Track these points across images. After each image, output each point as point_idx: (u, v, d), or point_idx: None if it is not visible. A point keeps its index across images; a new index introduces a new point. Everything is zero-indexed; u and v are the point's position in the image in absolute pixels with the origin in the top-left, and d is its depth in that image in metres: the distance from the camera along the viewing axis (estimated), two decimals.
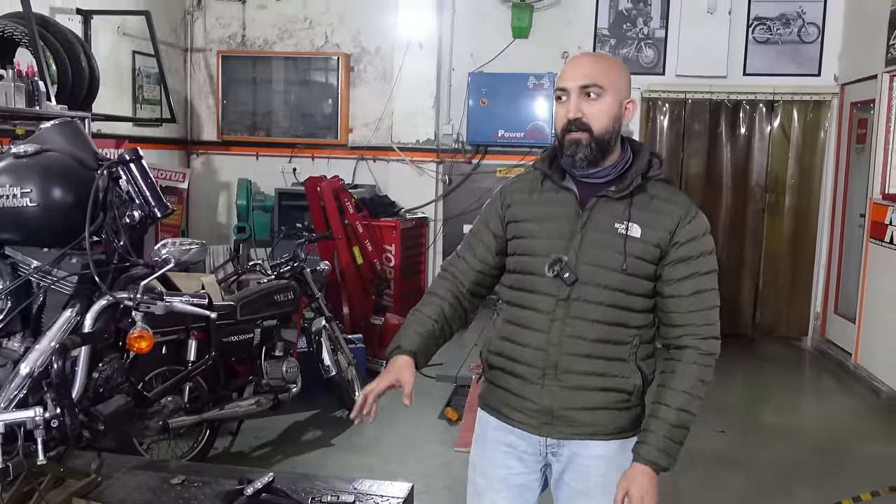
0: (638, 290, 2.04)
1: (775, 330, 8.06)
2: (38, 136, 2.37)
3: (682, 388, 2.01)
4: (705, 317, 2.05)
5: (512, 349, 2.12)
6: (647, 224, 2.02)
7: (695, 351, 2.03)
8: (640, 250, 2.02)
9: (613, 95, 2.01)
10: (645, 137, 7.97)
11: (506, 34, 7.91)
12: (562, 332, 2.03)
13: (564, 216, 2.06)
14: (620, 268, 2.00)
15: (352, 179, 8.17)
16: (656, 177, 2.08)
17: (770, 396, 6.28)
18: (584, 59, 2.08)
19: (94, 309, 2.17)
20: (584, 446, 2.10)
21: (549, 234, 2.06)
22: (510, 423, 2.15)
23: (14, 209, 2.18)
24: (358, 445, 4.88)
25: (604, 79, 2.00)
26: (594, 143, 2.00)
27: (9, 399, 2.09)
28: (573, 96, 2.00)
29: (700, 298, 2.04)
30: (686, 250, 2.03)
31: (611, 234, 2.02)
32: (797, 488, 4.44)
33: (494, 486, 2.21)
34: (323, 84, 8.45)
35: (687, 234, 2.03)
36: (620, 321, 2.04)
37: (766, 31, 7.69)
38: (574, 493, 2.14)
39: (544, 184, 2.13)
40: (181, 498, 2.33)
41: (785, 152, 7.85)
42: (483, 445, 2.25)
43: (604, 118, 2.00)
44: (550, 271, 2.02)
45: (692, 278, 2.03)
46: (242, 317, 4.44)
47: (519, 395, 2.11)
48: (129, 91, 7.59)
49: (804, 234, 7.89)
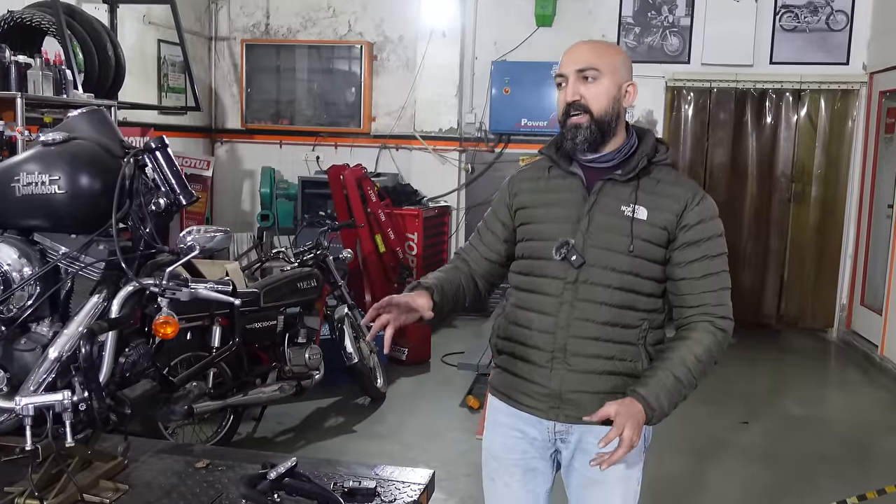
0: (646, 273, 2.05)
1: (800, 321, 7.99)
2: (65, 125, 2.39)
3: (694, 352, 2.01)
4: (718, 297, 2.06)
5: (520, 333, 2.14)
6: (654, 207, 2.04)
7: (710, 324, 2.04)
8: (647, 233, 2.03)
9: (611, 78, 2.04)
10: (669, 126, 7.91)
11: (529, 22, 7.87)
12: (570, 315, 2.05)
13: (571, 200, 2.08)
14: (627, 250, 2.02)
15: (374, 168, 8.19)
16: (662, 161, 2.10)
17: (795, 388, 6.23)
18: (581, 45, 2.10)
19: (121, 295, 2.19)
20: (592, 431, 2.09)
21: (556, 219, 2.09)
22: (520, 408, 2.17)
23: (43, 196, 2.20)
24: (379, 432, 4.91)
25: (600, 62, 2.03)
26: (594, 125, 2.02)
27: (38, 382, 2.12)
28: (571, 80, 2.04)
29: (712, 280, 2.05)
30: (695, 233, 2.03)
31: (618, 216, 2.04)
32: (822, 480, 4.40)
33: (508, 470, 2.23)
34: (346, 72, 8.47)
35: (695, 216, 2.04)
36: (629, 304, 2.05)
37: (793, 18, 7.58)
38: (586, 480, 2.15)
39: (551, 170, 2.16)
40: (205, 481, 2.36)
41: (812, 142, 7.76)
42: (494, 431, 2.27)
43: (602, 100, 2.03)
44: (558, 254, 2.04)
45: (702, 261, 2.04)
46: (266, 304, 4.48)
47: (528, 378, 2.13)
48: (154, 79, 7.65)
49: (831, 224, 7.80)
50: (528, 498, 2.23)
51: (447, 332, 7.18)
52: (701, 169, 7.94)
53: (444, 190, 8.11)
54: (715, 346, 2.03)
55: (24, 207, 2.24)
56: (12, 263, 2.21)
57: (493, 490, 2.30)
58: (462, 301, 2.23)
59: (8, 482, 2.27)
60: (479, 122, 8.15)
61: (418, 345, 6.28)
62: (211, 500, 2.23)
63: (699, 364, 2.01)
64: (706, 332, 2.03)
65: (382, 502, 2.22)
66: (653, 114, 7.97)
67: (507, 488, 2.24)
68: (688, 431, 5.11)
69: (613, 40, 7.87)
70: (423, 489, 2.33)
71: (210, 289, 2.28)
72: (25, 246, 2.26)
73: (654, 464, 4.44)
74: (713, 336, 2.03)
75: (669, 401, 1.98)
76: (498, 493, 2.27)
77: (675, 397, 1.99)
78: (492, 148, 8.13)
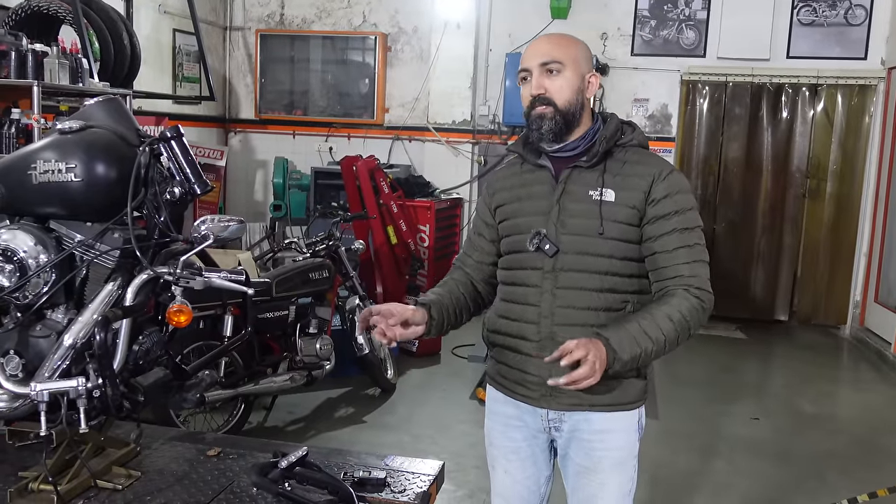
0: (622, 254, 2.06)
1: (813, 317, 7.95)
2: (82, 113, 2.40)
3: (666, 312, 1.98)
4: (693, 269, 2.04)
5: (507, 325, 2.17)
6: (621, 187, 2.06)
7: (686, 292, 2.02)
8: (616, 213, 2.05)
9: (573, 70, 2.07)
10: (684, 120, 7.87)
11: (544, 15, 7.84)
12: (552, 304, 2.07)
13: (542, 192, 2.13)
14: (598, 233, 2.04)
15: (387, 159, 8.19)
16: (629, 143, 2.12)
17: (806, 385, 6.20)
18: (542, 39, 2.15)
19: (135, 283, 2.20)
20: (586, 419, 2.12)
21: (529, 212, 2.13)
22: (514, 397, 2.21)
23: (59, 184, 2.22)
24: (389, 423, 4.92)
25: (562, 54, 2.07)
26: (559, 116, 2.06)
27: (52, 369, 2.14)
28: (535, 74, 2.08)
29: (686, 252, 2.04)
30: (664, 206, 2.04)
31: (586, 202, 2.06)
32: (833, 477, 4.39)
33: (507, 457, 2.28)
34: (360, 63, 8.46)
35: (662, 190, 2.05)
36: (609, 287, 2.06)
37: (811, 12, 7.52)
38: (581, 469, 2.17)
39: (524, 166, 2.21)
40: (217, 469, 2.38)
41: (828, 137, 7.70)
42: (493, 419, 2.32)
43: (566, 91, 2.07)
44: (531, 245, 2.08)
45: (675, 233, 2.04)
46: (278, 294, 4.50)
47: (519, 368, 2.16)
48: (169, 69, 7.67)
49: (845, 220, 7.75)
50: (527, 484, 2.27)
51: None
52: (715, 163, 7.90)
53: (456, 182, 8.11)
54: (689, 312, 1.99)
55: (40, 195, 2.26)
56: (28, 251, 2.24)
57: (494, 477, 2.35)
58: (467, 310, 2.27)
59: (22, 467, 2.30)
60: (493, 115, 8.14)
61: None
62: (222, 488, 2.25)
63: (669, 323, 1.97)
64: (682, 297, 2.01)
65: (392, 492, 2.24)
66: (667, 108, 7.93)
67: (507, 475, 2.29)
68: (700, 427, 5.11)
69: (629, 34, 7.84)
70: (432, 480, 2.34)
71: (224, 278, 2.29)
72: (42, 233, 2.28)
73: (664, 458, 4.46)
74: (688, 302, 2.00)
75: (631, 347, 1.93)
76: (498, 479, 2.32)
77: (636, 347, 1.94)
78: (505, 140, 8.11)
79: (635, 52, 7.88)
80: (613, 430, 2.13)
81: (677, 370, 6.15)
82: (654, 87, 7.92)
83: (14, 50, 4.63)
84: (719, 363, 6.56)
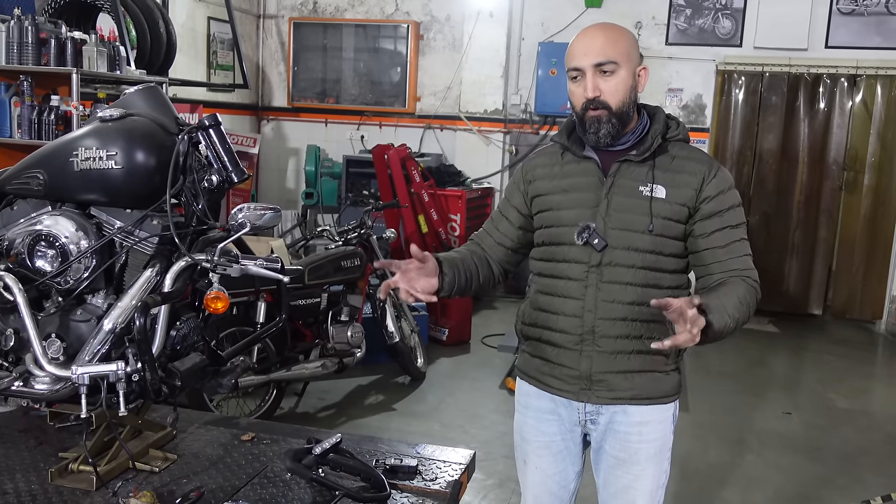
0: (668, 251, 2.06)
1: (848, 312, 7.83)
2: (122, 101, 2.44)
3: (739, 297, 1.93)
4: (744, 262, 2.04)
5: (546, 318, 2.15)
6: (672, 184, 2.04)
7: (741, 279, 1.99)
8: (666, 211, 2.03)
9: (627, 68, 2.02)
10: (718, 111, 7.78)
11: (578, 3, 7.78)
12: (596, 298, 2.06)
13: (588, 184, 2.09)
14: (647, 229, 2.02)
15: (419, 148, 8.19)
16: (675, 138, 2.09)
17: (840, 380, 6.12)
18: (594, 34, 2.05)
19: (174, 269, 2.23)
20: (624, 412, 2.12)
21: (575, 204, 2.10)
22: (549, 391, 2.20)
23: (100, 171, 2.26)
24: (419, 411, 4.95)
25: (616, 53, 2.00)
26: (615, 119, 2.02)
27: (93, 353, 2.19)
28: (588, 75, 2.01)
29: (735, 247, 2.04)
30: (715, 204, 2.04)
31: (636, 197, 2.04)
32: (865, 474, 4.34)
33: (538, 452, 2.27)
34: (392, 52, 8.47)
35: (714, 188, 2.04)
36: (653, 283, 2.05)
37: (851, 2, 7.37)
38: (615, 461, 2.17)
39: (564, 156, 2.17)
40: (251, 454, 2.42)
41: (866, 129, 7.56)
42: (525, 414, 2.30)
43: (621, 93, 2.02)
44: (580, 239, 2.05)
45: (724, 230, 2.04)
46: (310, 281, 4.54)
47: (556, 362, 2.15)
48: (203, 57, 7.74)
49: (883, 213, 7.60)
50: (558, 479, 2.27)
51: (487, 314, 7.20)
52: (750, 154, 7.80)
53: (487, 171, 8.09)
54: (750, 295, 1.97)
55: (81, 182, 2.30)
56: (70, 236, 2.28)
57: (524, 472, 2.33)
58: (476, 278, 2.20)
59: (63, 448, 2.35)
60: (525, 104, 8.11)
61: (459, 325, 6.30)
62: (256, 472, 2.28)
63: (740, 305, 1.92)
64: (741, 282, 1.99)
65: (424, 480, 2.26)
66: (701, 98, 7.84)
67: (538, 470, 2.28)
68: (731, 420, 5.07)
69: (664, 23, 7.75)
70: (464, 469, 2.36)
71: (260, 265, 2.32)
72: (82, 220, 2.32)
73: (695, 450, 4.44)
74: (747, 286, 1.99)
75: (721, 318, 1.84)
76: (529, 474, 2.31)
77: (726, 318, 1.85)
78: (536, 130, 8.08)
79: (670, 41, 7.79)
80: (651, 421, 2.13)
81: (709, 363, 6.11)
82: (688, 77, 7.82)
83: (54, 38, 4.70)
84: (751, 356, 6.49)
